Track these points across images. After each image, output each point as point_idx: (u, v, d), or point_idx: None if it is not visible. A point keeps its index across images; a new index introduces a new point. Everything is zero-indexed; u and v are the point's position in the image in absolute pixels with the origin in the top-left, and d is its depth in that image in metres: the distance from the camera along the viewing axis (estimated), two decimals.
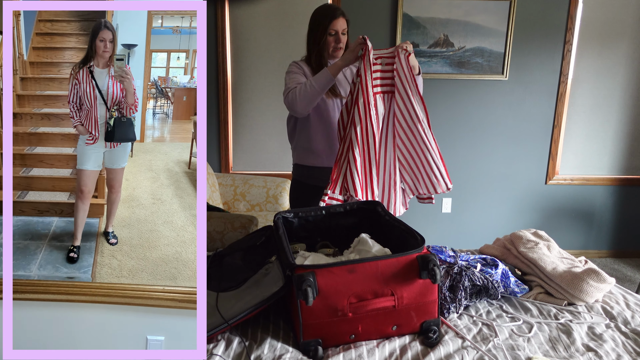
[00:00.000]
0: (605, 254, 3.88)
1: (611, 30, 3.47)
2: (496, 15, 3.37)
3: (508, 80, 3.50)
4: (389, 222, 1.58)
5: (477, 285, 1.51)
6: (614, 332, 1.41)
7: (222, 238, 2.51)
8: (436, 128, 3.55)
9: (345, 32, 2.09)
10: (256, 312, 1.33)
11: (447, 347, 1.29)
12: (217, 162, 3.57)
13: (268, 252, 1.64)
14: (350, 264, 1.26)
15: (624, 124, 3.64)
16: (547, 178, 3.71)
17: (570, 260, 1.72)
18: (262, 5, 3.35)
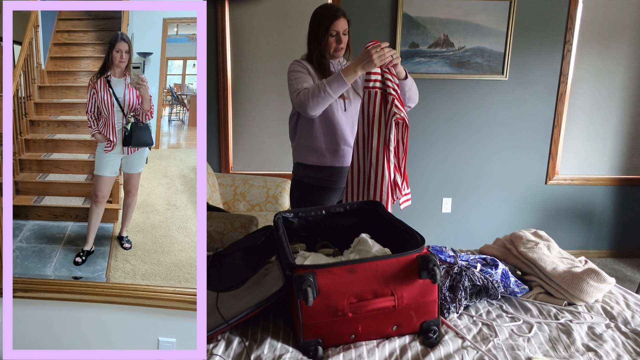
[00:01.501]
0: (605, 254, 3.88)
1: (611, 30, 3.47)
2: (496, 15, 3.36)
3: (508, 80, 3.50)
4: (389, 222, 1.58)
5: (477, 285, 1.51)
6: (614, 332, 1.41)
7: (222, 238, 2.51)
8: (436, 128, 3.56)
9: (346, 32, 2.09)
10: (256, 312, 1.33)
11: (447, 347, 1.29)
12: (217, 162, 3.57)
13: (268, 252, 1.64)
14: (350, 264, 1.26)
15: (624, 124, 3.64)
16: (547, 178, 3.71)
17: (570, 260, 1.72)
18: (262, 5, 3.35)
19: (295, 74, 2.09)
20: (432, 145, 3.60)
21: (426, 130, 3.57)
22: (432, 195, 3.70)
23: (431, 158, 3.63)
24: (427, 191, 3.69)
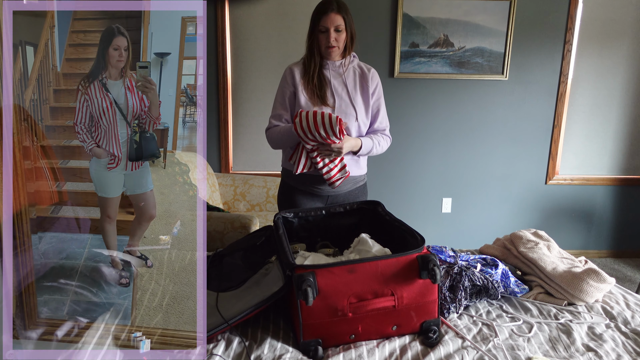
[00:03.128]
0: (605, 254, 3.88)
1: (611, 30, 3.47)
2: (496, 15, 3.36)
3: (508, 80, 3.50)
4: (389, 222, 1.58)
5: (477, 285, 1.51)
6: (614, 332, 1.41)
7: (222, 238, 2.51)
8: (436, 128, 3.56)
9: (340, 29, 1.90)
10: (256, 312, 1.33)
11: (447, 347, 1.29)
12: (217, 162, 3.57)
13: (268, 252, 1.64)
14: (350, 264, 1.26)
15: (624, 124, 3.64)
16: (547, 178, 3.71)
17: (570, 260, 1.72)
18: (262, 5, 3.35)
19: (277, 93, 2.03)
20: (432, 145, 3.60)
21: (426, 130, 3.57)
22: (432, 195, 3.70)
23: (431, 158, 3.63)
24: (427, 191, 3.69)
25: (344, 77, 1.99)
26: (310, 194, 2.07)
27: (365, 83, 2.02)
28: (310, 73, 1.96)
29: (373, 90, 2.03)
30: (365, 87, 2.02)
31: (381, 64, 3.42)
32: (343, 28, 1.91)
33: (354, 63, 2.04)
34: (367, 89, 2.02)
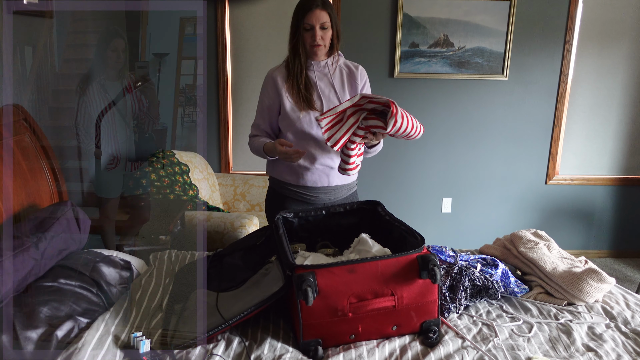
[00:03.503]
0: (605, 254, 3.88)
1: (611, 30, 3.47)
2: (496, 15, 3.36)
3: (508, 80, 3.50)
4: (389, 222, 1.58)
5: (477, 285, 1.51)
6: (614, 332, 1.41)
7: (222, 238, 2.51)
8: (436, 128, 3.56)
9: (326, 26, 1.79)
10: (256, 312, 1.33)
11: (447, 347, 1.29)
12: (217, 162, 3.56)
13: (268, 252, 1.64)
14: (350, 264, 1.26)
15: (624, 124, 3.64)
16: (547, 178, 3.71)
17: (570, 260, 1.72)
18: (262, 5, 3.35)
19: (259, 99, 1.94)
20: (432, 145, 3.60)
21: (426, 130, 3.57)
22: (432, 195, 3.70)
23: (431, 158, 3.62)
24: (427, 191, 3.69)
25: (330, 78, 1.89)
26: (305, 202, 1.95)
27: (354, 81, 1.93)
28: (295, 75, 1.85)
29: (362, 87, 1.94)
30: (354, 86, 1.93)
31: (381, 64, 3.42)
32: (329, 25, 1.80)
33: (340, 62, 1.94)
34: (356, 88, 1.93)
